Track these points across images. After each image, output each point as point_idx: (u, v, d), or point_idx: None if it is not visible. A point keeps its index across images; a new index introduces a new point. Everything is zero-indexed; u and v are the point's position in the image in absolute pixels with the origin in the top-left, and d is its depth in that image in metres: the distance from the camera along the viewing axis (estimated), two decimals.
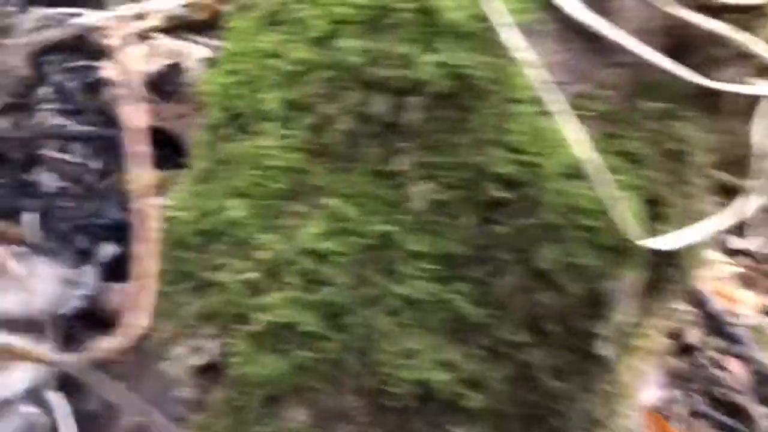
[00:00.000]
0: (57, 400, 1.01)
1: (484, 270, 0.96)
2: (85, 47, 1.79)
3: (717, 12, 0.94)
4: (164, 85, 1.76)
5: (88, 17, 1.32)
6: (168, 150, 1.66)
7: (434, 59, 0.89)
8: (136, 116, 1.69)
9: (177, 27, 1.36)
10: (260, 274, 1.03)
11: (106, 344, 0.89)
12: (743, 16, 0.96)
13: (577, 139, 0.89)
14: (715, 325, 1.74)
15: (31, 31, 1.57)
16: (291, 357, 1.01)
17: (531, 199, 0.92)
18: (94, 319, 1.15)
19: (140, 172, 1.38)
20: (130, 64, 1.66)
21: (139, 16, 1.31)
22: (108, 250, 1.19)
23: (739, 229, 1.92)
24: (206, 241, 1.15)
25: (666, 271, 1.04)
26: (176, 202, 1.23)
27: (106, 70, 1.80)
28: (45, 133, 1.62)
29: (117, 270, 1.29)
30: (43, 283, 0.93)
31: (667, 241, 0.96)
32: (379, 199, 0.95)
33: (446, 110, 0.89)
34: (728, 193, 1.07)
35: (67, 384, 1.07)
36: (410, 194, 0.93)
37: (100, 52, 1.71)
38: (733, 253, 1.91)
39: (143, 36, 1.35)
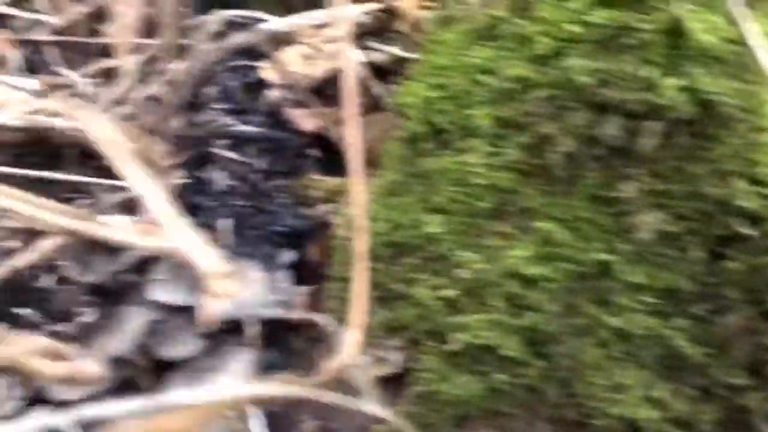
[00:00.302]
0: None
1: (707, 307, 0.89)
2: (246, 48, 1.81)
3: None
4: (328, 90, 1.76)
5: (276, 23, 1.32)
6: (330, 155, 1.66)
7: (679, 83, 0.81)
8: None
9: (363, 34, 1.34)
10: (459, 292, 0.99)
11: (333, 364, 0.88)
12: None
13: None
14: None
15: (216, 35, 1.59)
16: (488, 380, 0.97)
17: None
18: (282, 323, 1.15)
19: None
20: (291, 67, 1.67)
21: (325, 24, 1.30)
22: (287, 256, 1.19)
23: None
24: (398, 253, 1.12)
25: None
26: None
27: (266, 71, 1.82)
28: (217, 132, 1.64)
29: (294, 276, 1.29)
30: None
31: None
32: (599, 225, 0.90)
33: (686, 137, 0.83)
34: None
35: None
36: (635, 223, 0.87)
37: (260, 53, 1.73)
38: None
39: (327, 42, 1.35)
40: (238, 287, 0.80)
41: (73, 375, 0.68)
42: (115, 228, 0.90)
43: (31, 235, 1.01)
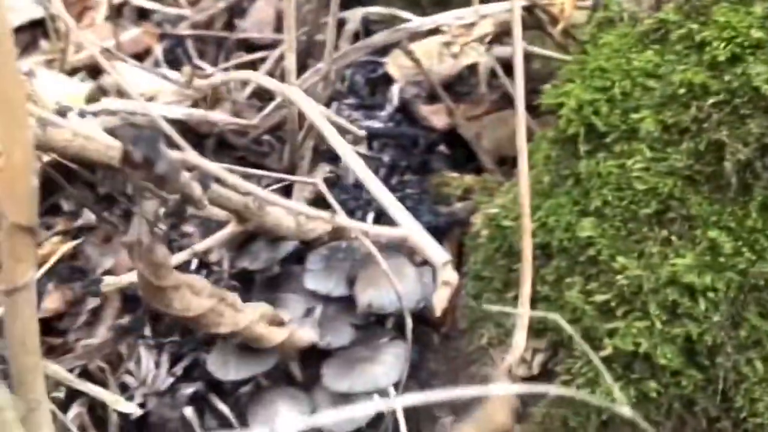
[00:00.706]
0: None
1: None
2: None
3: None
4: (459, 86, 1.77)
5: (420, 21, 1.33)
6: (463, 152, 1.66)
7: None
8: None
9: (504, 33, 1.34)
10: (614, 297, 0.99)
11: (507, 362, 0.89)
12: None
13: None
14: None
15: (356, 32, 1.62)
16: (639, 387, 0.96)
17: None
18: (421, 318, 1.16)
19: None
20: (420, 63, 1.68)
21: (472, 23, 1.31)
22: None
23: None
24: (547, 255, 1.12)
25: None
26: (506, 212, 1.21)
27: (392, 66, 1.84)
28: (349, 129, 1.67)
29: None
30: (410, 283, 0.95)
31: None
32: None
33: None
34: None
35: None
36: None
37: (385, 49, 1.74)
38: None
39: (475, 41, 1.35)
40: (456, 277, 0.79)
41: (292, 339, 0.71)
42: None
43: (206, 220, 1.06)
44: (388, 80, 1.78)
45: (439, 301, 0.70)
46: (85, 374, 1.13)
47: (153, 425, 1.11)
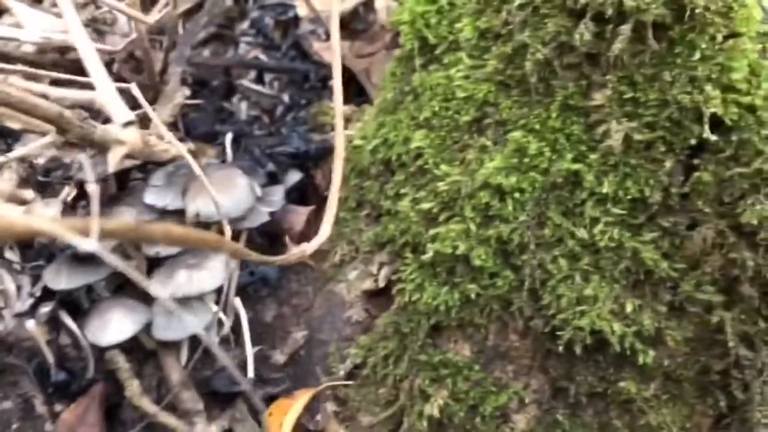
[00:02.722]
0: (239, 305, 1.05)
1: (677, 220, 0.86)
2: None
3: None
4: (354, 23, 1.77)
5: None
6: (354, 86, 1.67)
7: None
8: (328, 53, 1.71)
9: None
10: (438, 204, 1.00)
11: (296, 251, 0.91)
12: None
13: None
14: None
15: None
16: (460, 289, 0.98)
17: (745, 146, 0.81)
18: (273, 235, 1.18)
19: (334, 106, 1.39)
20: (321, 3, 1.68)
21: None
22: (293, 176, 1.22)
23: None
24: (388, 170, 1.13)
25: None
26: (361, 133, 1.23)
27: (299, 7, 1.85)
28: (243, 63, 1.68)
29: (299, 195, 1.32)
30: (239, 192, 0.96)
31: None
32: (571, 135, 0.88)
33: (658, 42, 0.80)
34: None
35: (244, 295, 1.12)
36: (606, 132, 0.86)
37: None
38: None
39: None
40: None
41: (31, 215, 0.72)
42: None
43: None
44: (295, 21, 1.80)
45: (113, 158, 0.71)
46: None
47: (9, 345, 1.13)
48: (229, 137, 1.17)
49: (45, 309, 1.11)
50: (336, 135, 0.83)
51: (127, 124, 0.73)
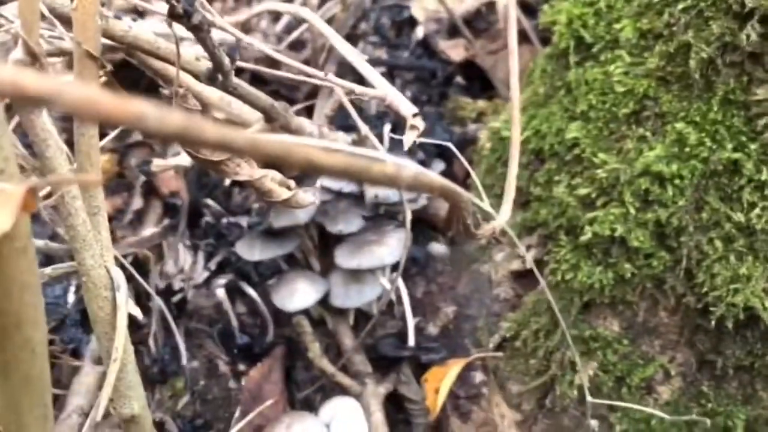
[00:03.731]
0: (400, 281, 1.16)
1: None
2: None
3: None
4: (477, 23, 1.87)
5: None
6: (478, 83, 1.77)
7: None
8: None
9: None
10: (595, 190, 1.10)
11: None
12: None
13: None
14: None
15: None
16: (615, 269, 1.08)
17: None
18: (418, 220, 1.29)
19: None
20: (443, 3, 1.79)
21: None
22: (438, 165, 1.33)
23: None
24: (537, 159, 1.23)
25: None
26: (504, 124, 1.33)
27: (414, 9, 1.96)
28: (376, 61, 1.80)
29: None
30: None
31: None
32: (731, 127, 0.97)
33: None
34: None
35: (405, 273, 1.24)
36: (766, 124, 0.94)
37: None
38: None
39: None
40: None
41: (296, 198, 0.84)
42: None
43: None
44: (412, 22, 1.92)
45: (407, 140, 0.82)
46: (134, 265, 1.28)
47: (190, 312, 1.26)
48: (387, 128, 1.29)
49: (221, 281, 1.25)
50: (512, 125, 0.93)
51: (415, 115, 0.85)
